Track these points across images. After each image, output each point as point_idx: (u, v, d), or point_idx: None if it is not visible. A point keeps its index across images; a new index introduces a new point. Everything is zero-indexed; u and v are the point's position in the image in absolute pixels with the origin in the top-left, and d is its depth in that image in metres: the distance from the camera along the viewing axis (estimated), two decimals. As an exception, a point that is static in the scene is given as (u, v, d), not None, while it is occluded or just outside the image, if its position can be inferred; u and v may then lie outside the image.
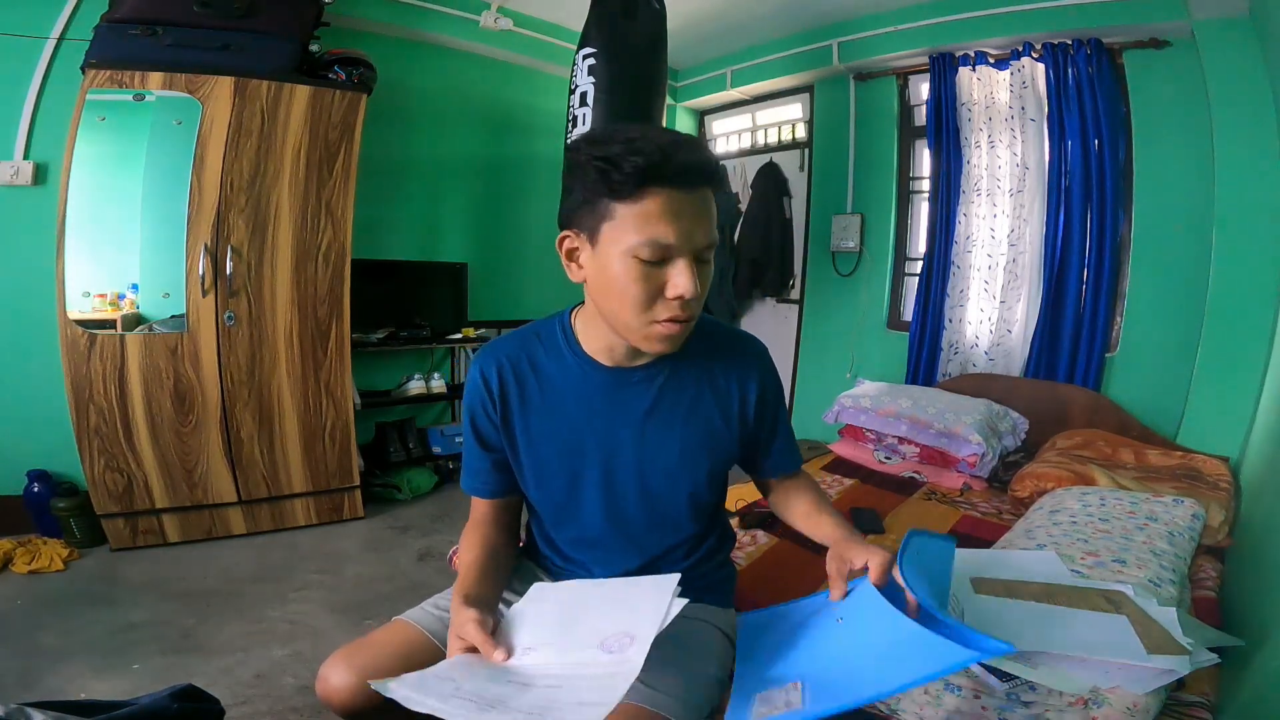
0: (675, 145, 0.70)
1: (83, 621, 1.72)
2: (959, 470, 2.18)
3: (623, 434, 0.86)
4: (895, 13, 2.77)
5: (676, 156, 0.69)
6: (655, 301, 0.73)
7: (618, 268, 0.72)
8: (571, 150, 0.75)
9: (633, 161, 0.68)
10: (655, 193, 0.69)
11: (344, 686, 0.76)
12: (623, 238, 0.71)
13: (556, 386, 0.86)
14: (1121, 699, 0.76)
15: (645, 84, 2.29)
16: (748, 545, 1.56)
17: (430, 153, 3.06)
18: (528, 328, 0.91)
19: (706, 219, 0.72)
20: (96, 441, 2.05)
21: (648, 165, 0.68)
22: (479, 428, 0.88)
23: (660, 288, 0.72)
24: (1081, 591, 0.90)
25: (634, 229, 0.70)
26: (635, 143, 0.69)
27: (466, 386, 0.89)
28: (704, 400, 0.88)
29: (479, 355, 0.89)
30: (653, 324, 0.74)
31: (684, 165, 0.69)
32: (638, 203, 0.69)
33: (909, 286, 3.08)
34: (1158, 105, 2.27)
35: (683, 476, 0.89)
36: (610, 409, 0.86)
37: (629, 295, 0.72)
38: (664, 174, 0.69)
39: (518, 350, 0.88)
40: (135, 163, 2.21)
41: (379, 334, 2.78)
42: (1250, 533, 1.52)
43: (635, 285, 0.72)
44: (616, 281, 0.72)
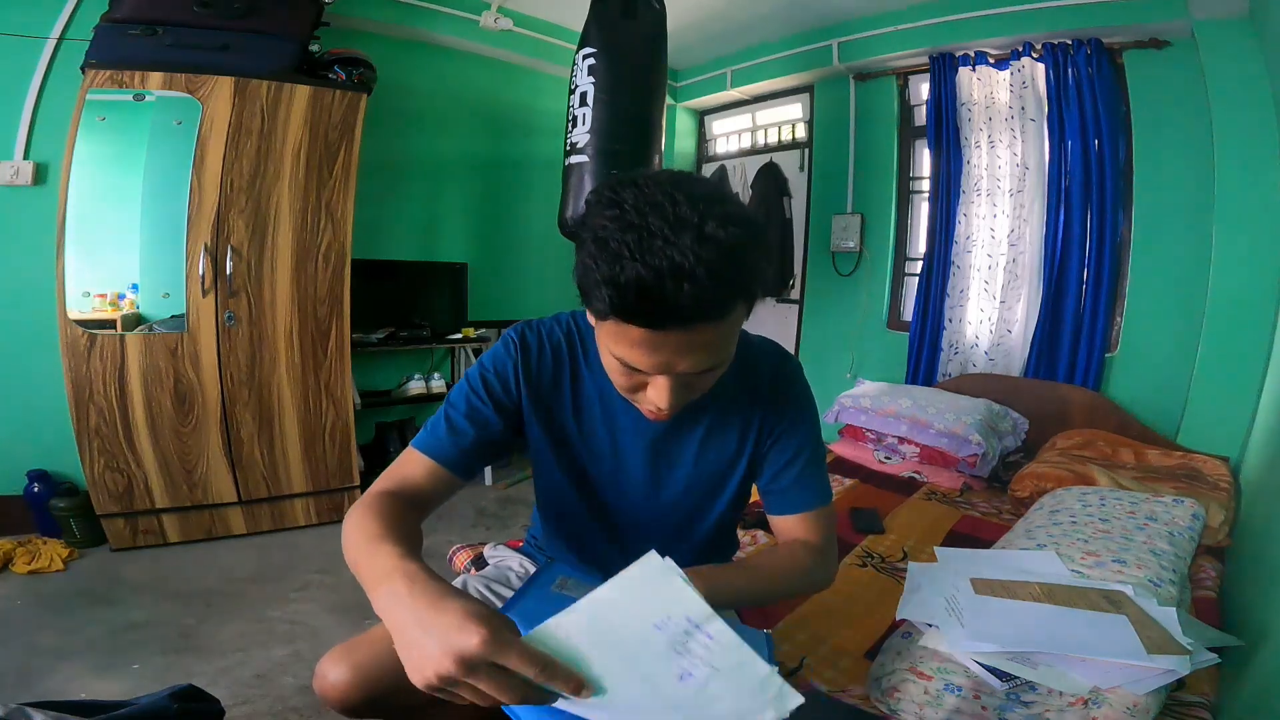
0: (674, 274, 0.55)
1: (83, 621, 1.72)
2: (959, 470, 2.18)
3: (636, 448, 0.85)
4: (895, 13, 2.77)
5: (663, 296, 0.56)
6: (637, 394, 0.70)
7: (608, 356, 0.68)
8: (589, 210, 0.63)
9: (607, 292, 0.57)
10: (631, 328, 0.60)
11: (342, 683, 0.76)
12: (610, 343, 0.65)
13: (589, 382, 0.84)
14: (1121, 699, 0.76)
15: (645, 84, 2.29)
16: (748, 545, 1.56)
17: (430, 153, 3.06)
18: (565, 318, 0.86)
19: (700, 349, 0.62)
20: (96, 441, 2.05)
21: (621, 304, 0.57)
22: (494, 382, 0.80)
23: (641, 386, 0.68)
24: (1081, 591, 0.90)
25: (617, 343, 0.63)
26: (625, 266, 0.56)
27: (496, 347, 0.83)
28: (720, 431, 0.86)
29: (520, 325, 0.84)
30: (638, 404, 0.72)
31: (670, 308, 0.57)
32: (623, 326, 0.61)
33: (909, 286, 3.08)
34: (1158, 105, 2.27)
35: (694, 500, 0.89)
36: (629, 423, 0.84)
37: (614, 379, 0.70)
38: (642, 315, 0.58)
39: (559, 336, 0.84)
40: (135, 163, 2.21)
41: (379, 334, 2.78)
42: (1250, 533, 1.52)
43: (619, 376, 0.69)
44: (607, 362, 0.69)
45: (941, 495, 2.06)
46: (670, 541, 0.92)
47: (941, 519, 1.85)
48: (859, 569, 1.50)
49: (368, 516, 0.66)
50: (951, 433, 2.17)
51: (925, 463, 2.25)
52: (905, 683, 0.88)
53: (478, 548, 1.31)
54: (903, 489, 2.11)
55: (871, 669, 0.97)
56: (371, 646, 0.80)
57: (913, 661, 0.89)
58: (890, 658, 0.94)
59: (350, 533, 0.66)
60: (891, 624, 1.20)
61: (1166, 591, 1.02)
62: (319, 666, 0.79)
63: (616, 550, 0.91)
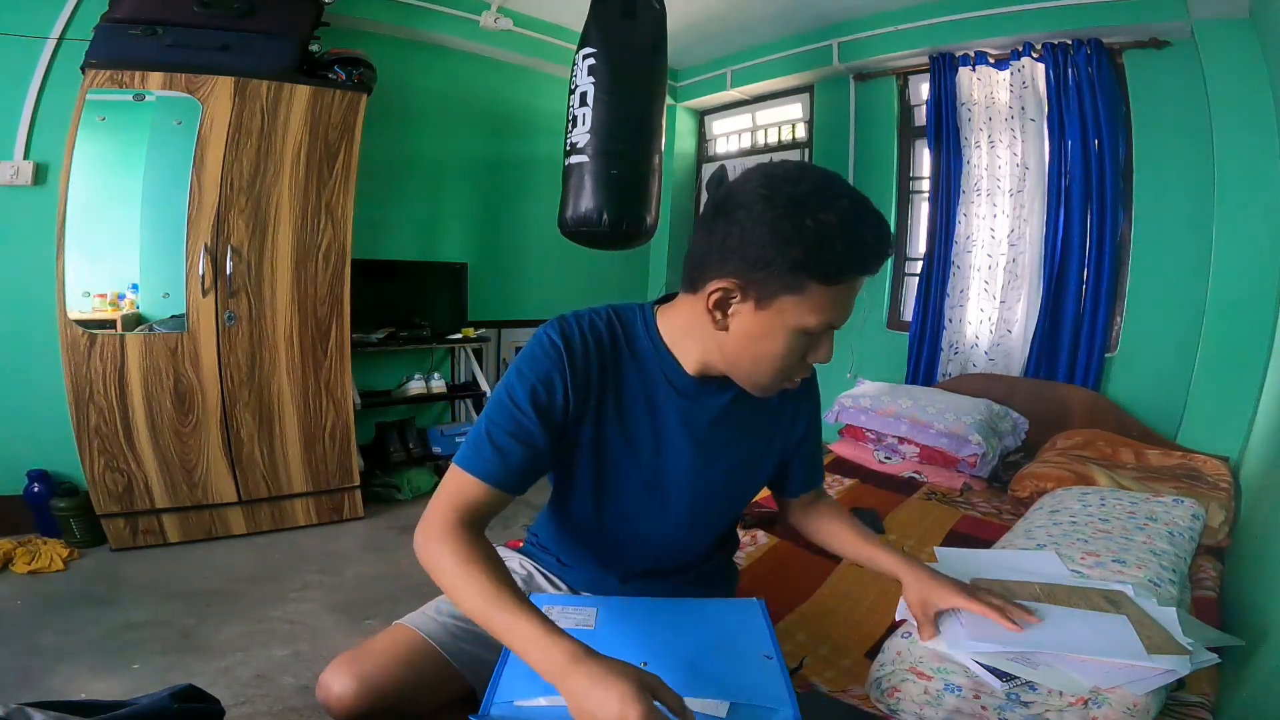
0: (883, 236, 0.67)
1: (83, 621, 1.72)
2: (959, 470, 2.18)
3: (682, 439, 0.83)
4: (895, 13, 2.77)
5: (884, 249, 0.68)
6: (794, 365, 0.74)
7: (779, 339, 0.70)
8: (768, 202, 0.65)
9: (853, 251, 0.66)
10: (851, 280, 0.68)
11: (345, 694, 0.76)
12: (804, 316, 0.68)
13: (632, 378, 0.81)
14: (1121, 699, 0.76)
15: (645, 84, 2.29)
16: (748, 545, 1.56)
17: (430, 153, 3.06)
18: (602, 310, 0.82)
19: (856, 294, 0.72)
20: (96, 441, 2.05)
21: (864, 256, 0.67)
22: (540, 391, 0.75)
23: (804, 355, 0.73)
24: (1081, 591, 0.90)
25: (819, 310, 0.68)
26: (850, 225, 0.65)
27: (534, 349, 0.77)
28: (757, 425, 0.88)
29: (555, 321, 0.79)
30: (776, 382, 0.75)
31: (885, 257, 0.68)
32: (836, 287, 0.67)
33: (909, 286, 3.08)
34: (1158, 105, 2.27)
35: (733, 489, 0.90)
36: (677, 412, 0.82)
37: (777, 364, 0.72)
38: (876, 261, 0.68)
39: (600, 327, 0.80)
40: (135, 163, 2.21)
41: (379, 334, 2.78)
42: (1250, 533, 1.52)
43: (789, 356, 0.72)
44: (769, 349, 0.71)
45: (941, 495, 2.06)
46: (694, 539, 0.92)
47: (941, 519, 1.85)
48: (859, 569, 1.50)
49: (464, 555, 0.67)
50: (951, 433, 2.17)
51: (925, 463, 2.25)
52: (905, 683, 0.87)
53: (478, 548, 1.31)
54: (903, 489, 2.11)
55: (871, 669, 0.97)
56: (375, 658, 0.79)
57: (913, 661, 0.89)
58: (890, 658, 0.94)
59: (447, 569, 0.67)
60: (891, 624, 1.20)
61: (1166, 591, 1.02)
62: (322, 677, 0.78)
63: (635, 551, 0.91)
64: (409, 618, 0.88)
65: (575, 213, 2.26)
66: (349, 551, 2.29)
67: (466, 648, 0.85)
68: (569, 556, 0.97)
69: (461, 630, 0.86)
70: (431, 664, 0.82)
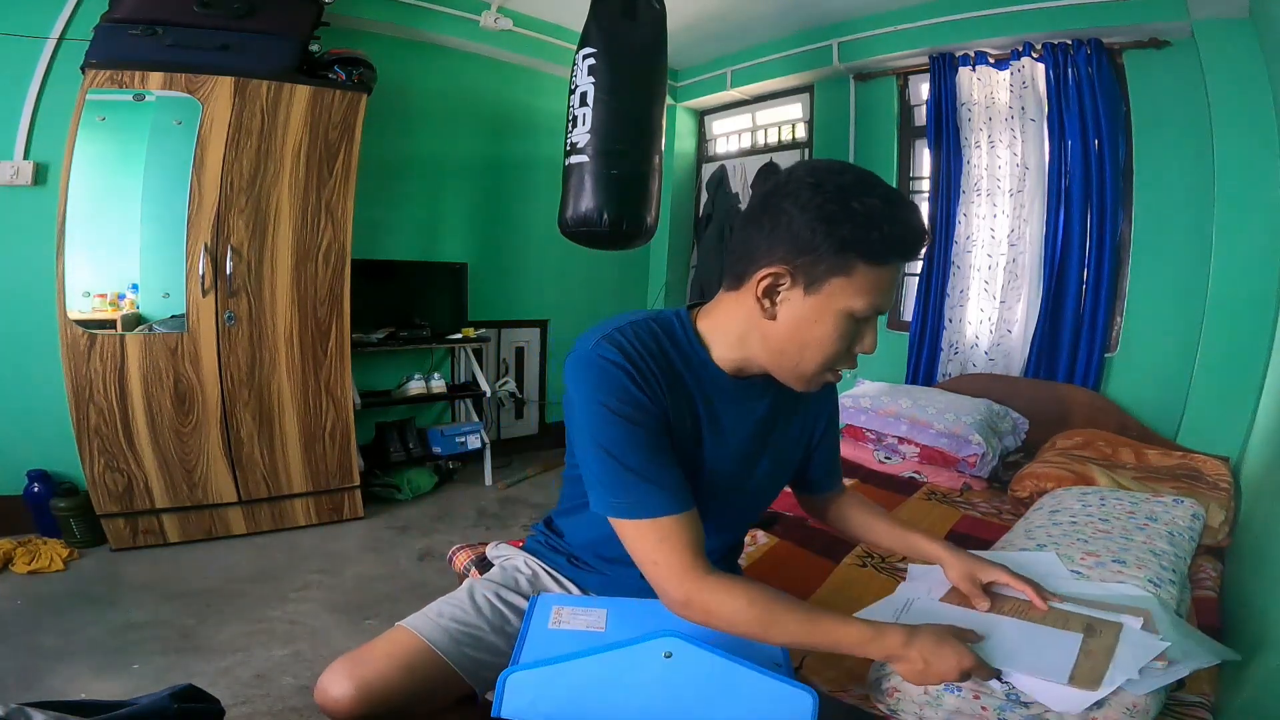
0: (921, 222, 0.72)
1: (83, 621, 1.72)
2: (959, 470, 2.18)
3: (734, 441, 0.84)
4: (895, 13, 2.76)
5: (924, 235, 0.71)
6: (843, 354, 0.74)
7: (829, 323, 0.71)
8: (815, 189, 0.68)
9: (898, 231, 0.68)
10: (897, 263, 0.71)
11: (344, 698, 0.75)
12: (852, 298, 0.69)
13: (688, 380, 0.79)
14: (1121, 699, 0.76)
15: (645, 84, 2.29)
16: (748, 545, 1.56)
17: (430, 153, 3.06)
18: (634, 318, 0.79)
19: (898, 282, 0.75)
20: (96, 441, 2.05)
21: (908, 238, 0.69)
22: (638, 413, 0.72)
23: (851, 343, 0.74)
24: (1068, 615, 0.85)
25: (867, 291, 0.69)
26: (895, 208, 0.68)
27: (597, 378, 0.72)
28: (788, 422, 0.90)
29: (598, 340, 0.74)
30: (823, 372, 0.75)
31: (924, 243, 0.72)
32: (881, 269, 0.69)
33: (909, 286, 3.07)
34: (1158, 105, 2.26)
35: (768, 488, 0.92)
36: (730, 414, 0.83)
37: (826, 349, 0.72)
38: (915, 245, 0.71)
39: (643, 333, 0.77)
40: (135, 163, 2.21)
41: (379, 334, 2.78)
42: (1250, 533, 1.52)
43: (838, 342, 0.72)
44: (818, 334, 0.71)
45: (941, 495, 2.06)
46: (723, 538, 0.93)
47: (941, 519, 1.85)
48: (859, 569, 1.50)
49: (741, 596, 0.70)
50: (951, 433, 2.17)
51: (925, 463, 2.25)
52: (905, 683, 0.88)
53: (479, 548, 1.31)
54: (903, 489, 2.11)
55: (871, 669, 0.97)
56: (375, 661, 0.79)
57: (913, 661, 0.89)
58: (890, 658, 0.94)
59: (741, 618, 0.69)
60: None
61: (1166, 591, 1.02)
62: (321, 681, 0.78)
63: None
64: (409, 620, 0.87)
65: (575, 213, 2.26)
66: (349, 551, 2.29)
67: (467, 651, 0.85)
68: (591, 557, 0.95)
69: (462, 634, 0.86)
70: (432, 668, 0.81)
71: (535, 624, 0.78)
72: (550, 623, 0.78)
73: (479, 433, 3.03)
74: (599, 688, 0.65)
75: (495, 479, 3.05)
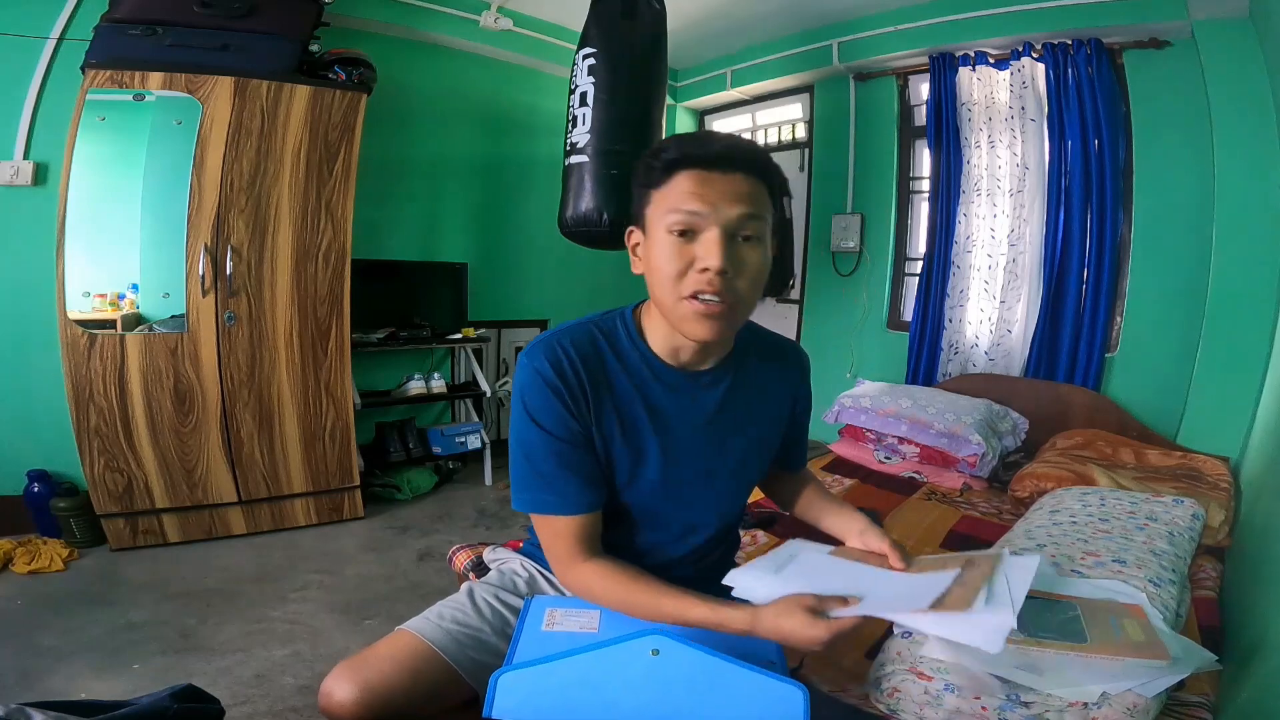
0: (712, 138, 0.75)
1: (83, 621, 1.72)
2: (959, 470, 2.18)
3: (686, 437, 0.84)
4: (895, 13, 2.77)
5: (710, 144, 0.74)
6: (686, 275, 0.73)
7: (658, 244, 0.75)
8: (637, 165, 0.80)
9: (667, 154, 0.75)
10: (685, 174, 0.74)
11: (349, 701, 0.76)
12: (659, 218, 0.75)
13: (624, 384, 0.82)
14: (1122, 699, 0.76)
15: (645, 84, 2.29)
16: (748, 545, 1.56)
17: (430, 153, 3.06)
18: (580, 323, 0.84)
19: (744, 200, 0.73)
20: (96, 441, 2.05)
21: (679, 154, 0.74)
22: (556, 425, 0.78)
23: (691, 261, 0.73)
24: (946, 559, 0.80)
25: (667, 207, 0.74)
26: (677, 141, 0.76)
27: (526, 386, 0.78)
28: (759, 407, 0.90)
29: (536, 349, 0.79)
30: (682, 300, 0.74)
31: (716, 151, 0.73)
32: (670, 185, 0.74)
33: (909, 286, 3.08)
34: (1158, 105, 2.27)
35: (732, 480, 0.90)
36: (677, 411, 0.84)
37: (664, 271, 0.74)
38: (694, 158, 0.74)
39: (582, 341, 0.81)
40: (135, 163, 2.21)
41: (379, 334, 2.78)
42: (1250, 533, 1.52)
43: (670, 262, 0.74)
44: (656, 259, 0.75)
45: (941, 495, 2.06)
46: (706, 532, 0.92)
47: (941, 519, 1.85)
48: (859, 569, 1.50)
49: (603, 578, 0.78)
50: (951, 433, 2.17)
51: (925, 463, 2.25)
52: (905, 683, 0.88)
53: (478, 548, 1.31)
54: (903, 489, 2.11)
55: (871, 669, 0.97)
56: (378, 664, 0.79)
57: (913, 661, 0.89)
58: (890, 658, 0.94)
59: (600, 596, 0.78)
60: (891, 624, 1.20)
61: (1166, 591, 1.02)
62: (324, 685, 0.78)
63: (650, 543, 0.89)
64: (411, 623, 0.87)
65: (575, 213, 2.26)
66: (349, 551, 2.29)
67: (470, 653, 0.85)
68: None
69: (465, 635, 0.86)
70: (435, 669, 0.82)
71: (529, 626, 0.78)
72: (544, 625, 0.78)
73: (479, 433, 3.03)
74: (589, 687, 0.66)
75: (495, 479, 3.05)
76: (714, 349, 0.84)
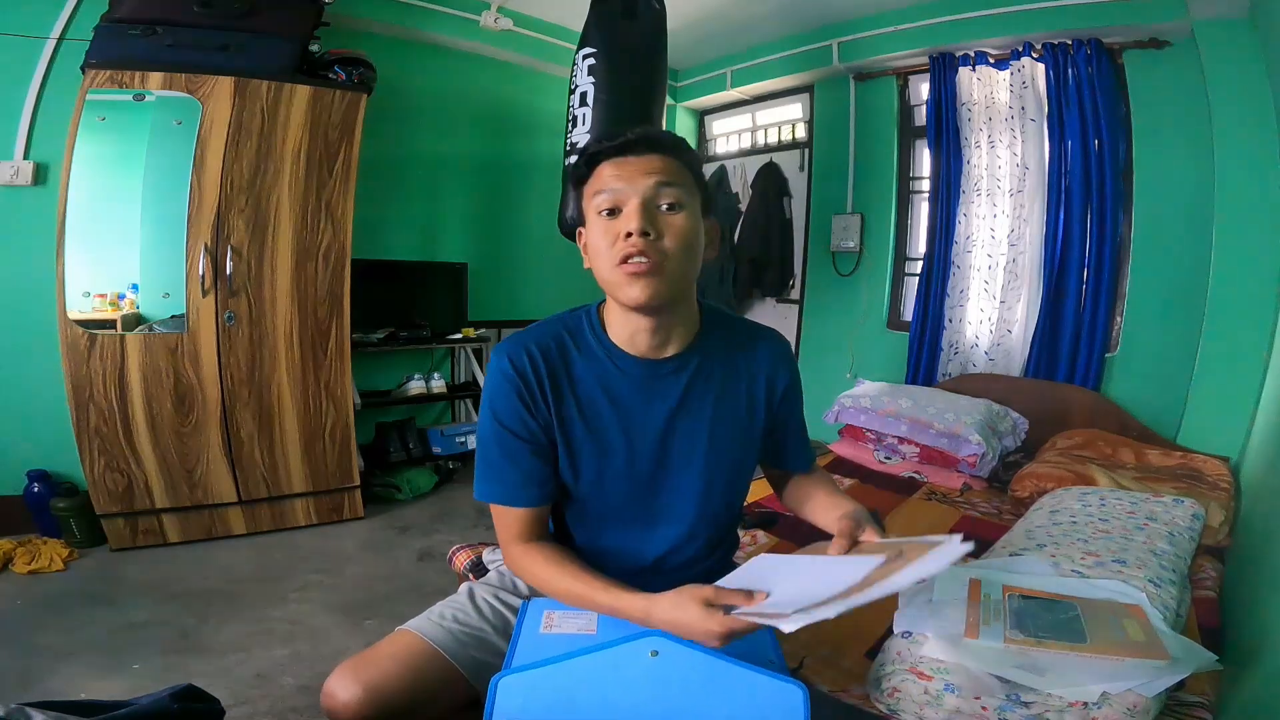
0: (621, 132, 0.81)
1: (83, 621, 1.72)
2: (959, 470, 2.18)
3: (651, 427, 0.85)
4: (895, 13, 2.77)
5: (623, 134, 0.80)
6: (615, 245, 0.78)
7: (591, 231, 0.82)
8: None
9: (588, 151, 0.83)
10: (605, 164, 0.80)
11: (352, 701, 0.76)
12: (591, 207, 0.82)
13: (586, 377, 0.85)
14: (1122, 699, 0.76)
15: (645, 84, 2.28)
16: (748, 545, 1.56)
17: (430, 153, 3.06)
18: (550, 320, 0.90)
19: (658, 172, 0.78)
20: (96, 441, 2.05)
21: (598, 149, 0.81)
22: (513, 422, 0.83)
23: (619, 234, 0.78)
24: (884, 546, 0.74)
25: (593, 194, 0.81)
26: (596, 139, 0.83)
27: (491, 383, 0.85)
28: (731, 393, 0.88)
29: (502, 347, 0.85)
30: (616, 268, 0.78)
31: (625, 140, 0.80)
32: (594, 176, 0.81)
33: (909, 286, 3.08)
34: (1158, 105, 2.27)
35: (708, 471, 0.88)
36: (640, 401, 0.85)
37: (598, 247, 0.80)
38: (610, 149, 0.80)
39: (546, 340, 0.86)
40: (135, 163, 2.21)
41: (379, 334, 2.78)
42: (1250, 533, 1.52)
43: (602, 237, 0.79)
44: (592, 242, 0.82)
45: (941, 495, 2.06)
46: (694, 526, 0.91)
47: (941, 519, 1.85)
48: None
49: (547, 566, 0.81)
50: (951, 433, 2.17)
51: (925, 463, 2.25)
52: (905, 683, 0.88)
53: (478, 548, 1.31)
54: (903, 489, 2.11)
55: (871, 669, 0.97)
56: (380, 664, 0.79)
57: (913, 661, 0.89)
58: (890, 658, 0.94)
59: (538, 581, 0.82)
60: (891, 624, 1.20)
61: (1166, 591, 1.02)
62: (327, 685, 0.78)
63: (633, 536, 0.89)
64: (412, 623, 0.88)
65: (575, 213, 2.26)
66: (349, 551, 2.29)
67: (472, 653, 0.85)
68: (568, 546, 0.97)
69: (466, 635, 0.86)
70: (437, 669, 0.82)
71: (526, 629, 0.78)
72: (541, 627, 0.78)
73: (479, 433, 3.03)
74: (589, 689, 0.66)
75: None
76: (670, 332, 0.84)
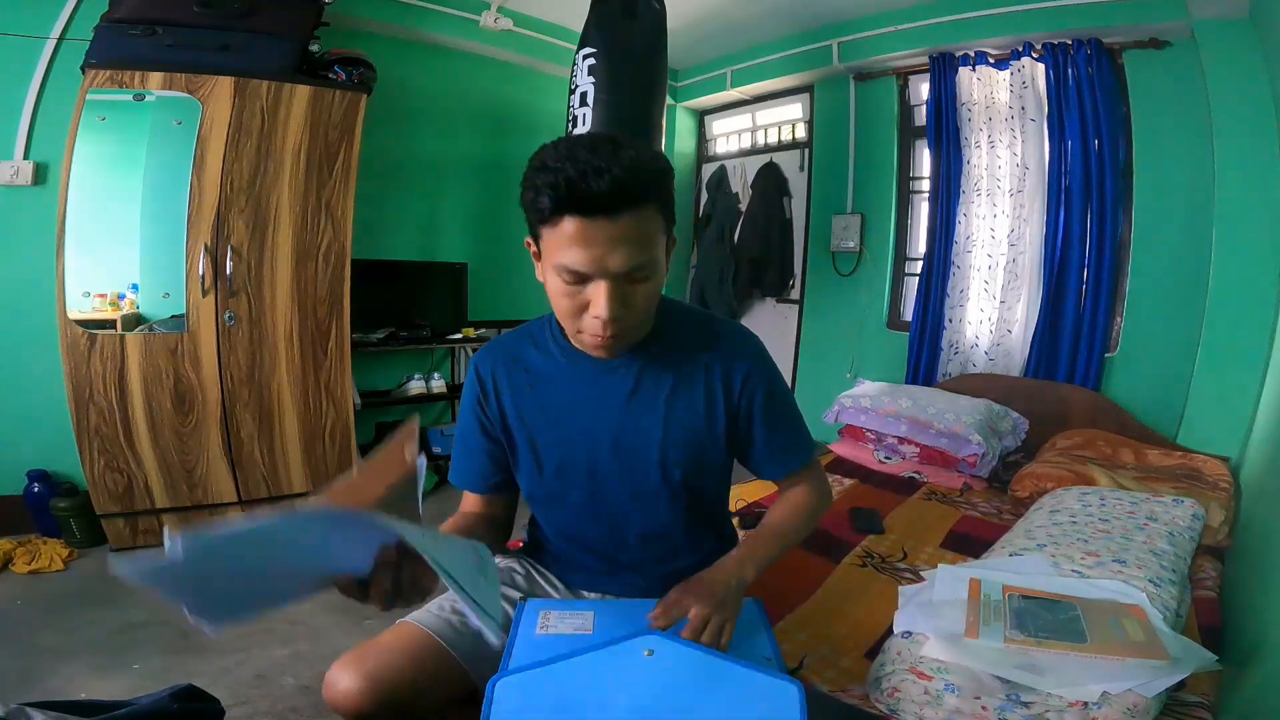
0: (595, 172, 0.68)
1: (83, 621, 1.72)
2: (959, 470, 2.18)
3: (605, 418, 0.88)
4: (895, 13, 2.77)
5: (588, 185, 0.68)
6: (580, 316, 0.76)
7: (552, 278, 0.76)
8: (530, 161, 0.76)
9: (547, 193, 0.70)
10: (570, 220, 0.70)
11: (353, 689, 0.76)
12: (550, 257, 0.75)
13: (544, 378, 0.90)
14: (1122, 699, 0.76)
15: (645, 84, 2.29)
16: (748, 545, 1.56)
17: (430, 153, 3.06)
18: (522, 326, 0.96)
19: (627, 243, 0.71)
20: (96, 441, 2.05)
21: (557, 197, 0.70)
22: (473, 421, 0.93)
23: (584, 305, 0.75)
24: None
25: (554, 250, 0.73)
26: (558, 170, 0.69)
27: (467, 384, 0.94)
28: (686, 386, 0.88)
29: (477, 354, 0.94)
30: (580, 334, 0.79)
31: (595, 194, 0.68)
32: (558, 229, 0.72)
33: (909, 286, 3.08)
34: (1158, 105, 2.26)
35: (665, 457, 0.88)
36: (594, 395, 0.88)
37: (559, 306, 0.78)
38: (573, 203, 0.69)
39: (511, 346, 0.93)
40: (135, 163, 2.21)
41: (379, 334, 2.78)
42: (1250, 533, 1.52)
43: (562, 299, 0.76)
44: (551, 289, 0.78)
45: (941, 495, 2.06)
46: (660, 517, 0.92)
47: (941, 519, 1.85)
48: (859, 569, 1.50)
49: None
50: (951, 433, 2.17)
51: (925, 463, 2.25)
52: (905, 683, 0.88)
53: (478, 547, 1.31)
54: (903, 489, 2.11)
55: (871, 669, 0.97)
56: (381, 654, 0.80)
57: (913, 661, 0.89)
58: (890, 658, 0.94)
59: None
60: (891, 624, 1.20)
61: (1167, 591, 1.02)
62: (329, 675, 0.78)
63: (607, 528, 0.93)
64: (413, 614, 0.88)
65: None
66: (349, 551, 2.28)
67: (471, 644, 0.85)
68: (557, 550, 1.00)
69: (466, 626, 0.86)
70: (437, 659, 0.82)
71: (523, 630, 0.78)
72: (538, 628, 0.78)
73: (479, 433, 3.03)
74: (586, 689, 0.66)
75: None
76: None
